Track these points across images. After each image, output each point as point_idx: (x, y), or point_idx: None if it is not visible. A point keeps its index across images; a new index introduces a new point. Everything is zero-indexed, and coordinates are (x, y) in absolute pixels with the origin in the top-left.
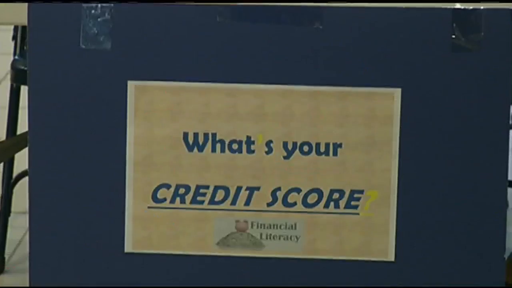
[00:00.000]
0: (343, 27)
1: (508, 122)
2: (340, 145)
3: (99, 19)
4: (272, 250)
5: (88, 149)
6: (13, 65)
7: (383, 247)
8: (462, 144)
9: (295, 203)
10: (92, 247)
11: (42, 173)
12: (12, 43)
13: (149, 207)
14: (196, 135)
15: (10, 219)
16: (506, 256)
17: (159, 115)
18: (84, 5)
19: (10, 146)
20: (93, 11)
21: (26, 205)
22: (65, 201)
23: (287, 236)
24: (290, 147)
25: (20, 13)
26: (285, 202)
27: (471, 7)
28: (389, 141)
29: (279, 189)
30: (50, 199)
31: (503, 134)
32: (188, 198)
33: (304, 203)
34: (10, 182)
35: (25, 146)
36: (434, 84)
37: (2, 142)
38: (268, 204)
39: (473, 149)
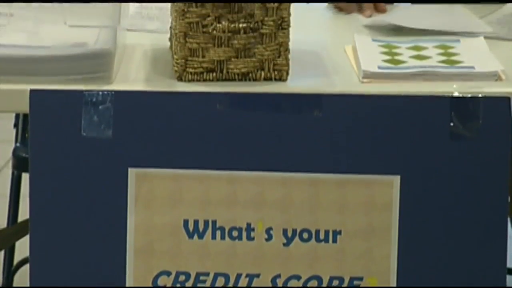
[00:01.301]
0: (342, 114)
1: (507, 209)
2: (339, 232)
3: (100, 107)
4: None
5: (89, 236)
6: (14, 152)
7: None
8: (461, 232)
9: None
10: None
11: (43, 261)
12: (14, 131)
13: None
14: (196, 222)
15: None
16: None
17: (159, 202)
18: (85, 92)
19: (11, 234)
20: (94, 99)
21: None
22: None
23: None
24: (289, 234)
25: (21, 101)
26: None
27: (469, 95)
28: (388, 228)
29: (279, 276)
30: (51, 287)
31: (502, 221)
32: (189, 285)
33: None
34: (11, 270)
35: (26, 234)
36: (433, 172)
37: (3, 229)
38: None
39: (472, 236)
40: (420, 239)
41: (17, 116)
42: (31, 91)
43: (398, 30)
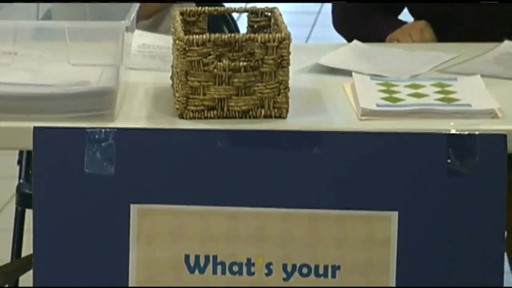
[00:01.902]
0: (342, 152)
1: (504, 244)
2: (338, 267)
3: (102, 144)
4: None
5: (92, 271)
6: (18, 189)
7: None
8: (458, 267)
9: None
10: None
11: None
12: (17, 167)
13: None
14: (197, 257)
15: None
16: None
17: (161, 238)
18: (88, 129)
19: (14, 269)
20: (96, 136)
21: None
22: None
23: None
24: (289, 269)
25: (25, 138)
26: None
27: (466, 133)
28: (387, 264)
29: None
30: None
31: (498, 256)
32: None
33: None
34: None
35: (30, 269)
36: (430, 208)
37: (7, 264)
38: None
39: (469, 272)
40: (418, 274)
41: (20, 153)
42: (35, 128)
43: None
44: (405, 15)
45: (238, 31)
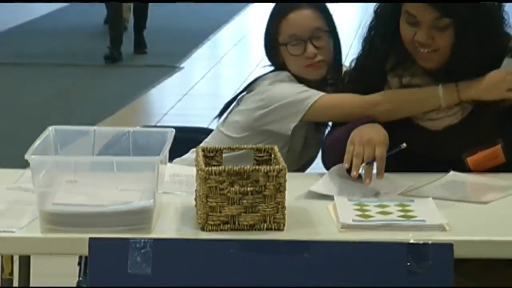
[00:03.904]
0: (326, 256)
1: None
2: None
3: (142, 251)
4: None
5: None
6: (78, 284)
7: None
8: None
9: None
10: None
11: None
12: (77, 267)
13: None
14: None
15: None
16: None
17: None
18: (131, 240)
19: None
20: (137, 244)
21: None
22: None
23: None
24: None
25: (82, 246)
26: None
27: (421, 242)
28: None
29: None
30: None
31: None
32: None
33: None
34: None
35: None
36: None
37: None
38: None
39: None
40: None
41: (80, 257)
42: (90, 239)
43: None
44: None
45: None
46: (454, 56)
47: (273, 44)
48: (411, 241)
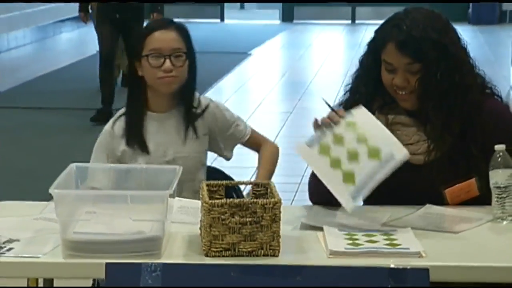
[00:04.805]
0: (316, 279)
1: None
2: None
3: (153, 274)
4: None
5: None
6: None
7: None
8: None
9: None
10: None
11: None
12: None
13: None
14: None
15: None
16: None
17: None
18: (143, 264)
19: None
20: (149, 268)
21: None
22: None
23: None
24: None
25: (98, 270)
26: None
27: (401, 267)
28: None
29: None
30: None
31: None
32: None
33: None
34: None
35: None
36: None
37: None
38: None
39: None
40: None
41: (94, 279)
42: (107, 263)
43: None
44: None
45: (243, 196)
46: (424, 94)
47: (137, 56)
48: (392, 265)
